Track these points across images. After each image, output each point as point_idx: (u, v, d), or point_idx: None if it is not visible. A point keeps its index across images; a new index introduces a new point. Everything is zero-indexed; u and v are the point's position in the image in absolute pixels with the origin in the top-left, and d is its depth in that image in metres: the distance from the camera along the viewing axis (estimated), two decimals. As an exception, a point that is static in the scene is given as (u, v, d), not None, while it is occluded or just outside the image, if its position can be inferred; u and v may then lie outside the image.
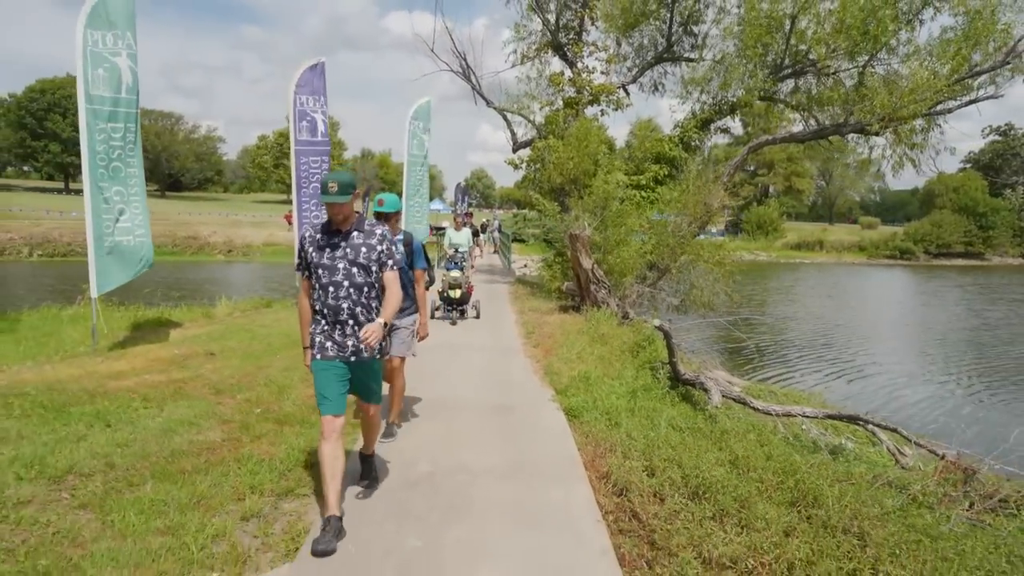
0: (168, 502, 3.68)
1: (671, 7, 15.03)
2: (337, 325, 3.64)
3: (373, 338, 3.41)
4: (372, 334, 3.41)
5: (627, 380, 7.41)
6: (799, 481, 4.58)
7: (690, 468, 4.67)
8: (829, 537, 3.81)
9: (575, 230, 11.46)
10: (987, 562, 3.74)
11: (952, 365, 16.36)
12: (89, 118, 7.63)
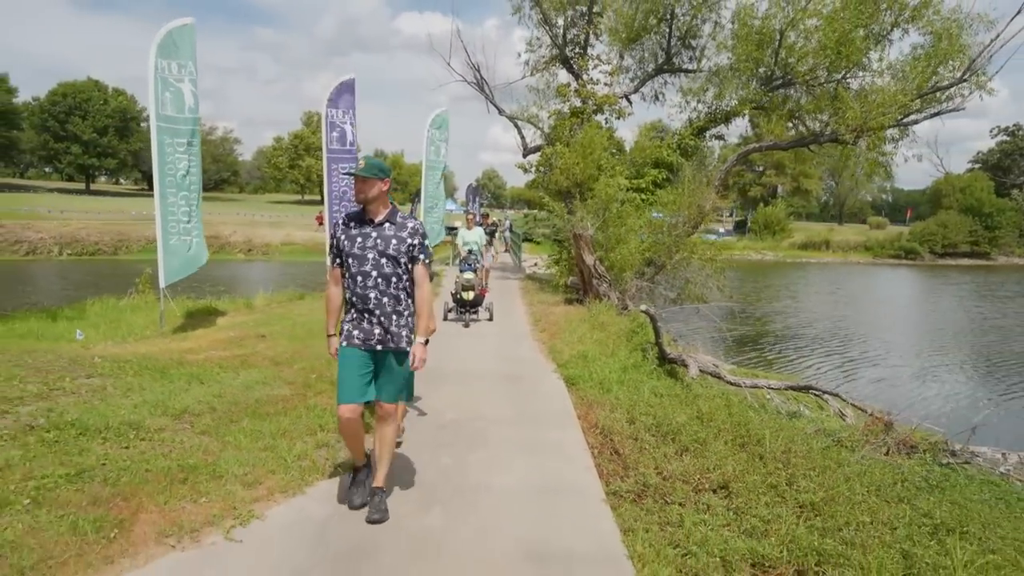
0: (262, 432, 4.93)
1: (670, 23, 16.20)
2: (364, 314, 3.71)
3: (419, 361, 3.69)
4: (418, 359, 3.69)
5: (620, 358, 8.61)
6: (748, 429, 5.79)
7: (662, 419, 5.88)
8: (761, 464, 5.01)
9: (579, 229, 12.69)
10: (879, 481, 4.92)
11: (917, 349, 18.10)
12: (159, 134, 8.92)
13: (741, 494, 4.44)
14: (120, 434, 4.52)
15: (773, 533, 3.91)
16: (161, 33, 8.95)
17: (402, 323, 3.76)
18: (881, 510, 4.41)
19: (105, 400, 5.20)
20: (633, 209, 14.13)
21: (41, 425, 4.51)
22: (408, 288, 3.79)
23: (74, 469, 3.93)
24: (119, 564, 3.21)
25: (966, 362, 17.00)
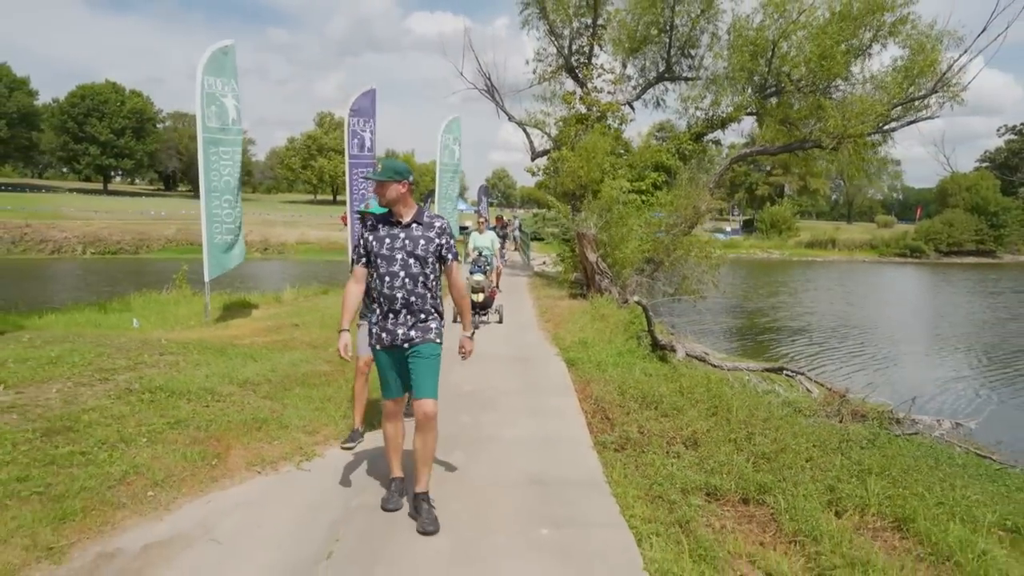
0: (312, 397, 5.99)
1: (670, 33, 17.17)
2: (391, 314, 3.74)
3: (468, 353, 3.99)
4: (467, 350, 3.98)
5: (617, 345, 9.62)
6: (721, 400, 6.79)
7: (648, 392, 6.88)
8: (727, 424, 6.01)
9: (582, 229, 13.70)
10: (825, 439, 5.92)
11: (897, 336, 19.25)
12: (205, 144, 10.00)
13: (706, 446, 5.45)
14: (200, 397, 5.58)
15: (727, 472, 4.91)
16: (207, 53, 10.04)
17: (429, 320, 3.80)
18: (820, 458, 5.41)
19: (181, 372, 6.27)
20: (634, 210, 15.10)
21: (136, 389, 5.57)
22: (434, 287, 3.83)
23: (172, 419, 4.99)
24: (222, 483, 4.28)
25: (936, 347, 18.34)
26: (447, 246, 3.82)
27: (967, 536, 4.38)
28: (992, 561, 4.07)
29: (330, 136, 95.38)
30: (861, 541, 4.16)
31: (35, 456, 4.09)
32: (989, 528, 4.69)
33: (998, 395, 12.97)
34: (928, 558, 4.12)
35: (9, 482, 3.74)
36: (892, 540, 4.37)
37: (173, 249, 45.80)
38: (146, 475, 4.10)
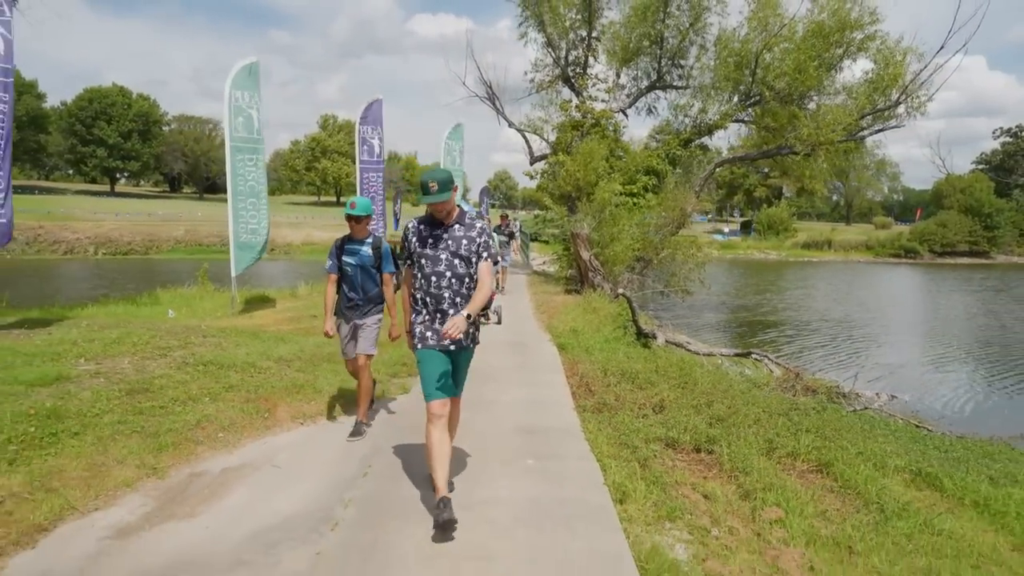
0: (338, 371, 7.03)
1: (660, 45, 18.23)
2: (438, 314, 3.79)
3: (455, 330, 3.52)
4: (455, 327, 3.52)
5: (604, 333, 10.66)
6: (690, 376, 7.83)
7: (627, 370, 7.93)
8: (691, 394, 7.05)
9: (576, 229, 14.75)
10: (774, 406, 6.96)
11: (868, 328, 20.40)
12: (232, 152, 11.05)
13: (671, 411, 6.48)
14: (244, 369, 6.63)
15: (684, 429, 5.94)
16: (235, 69, 11.10)
17: (471, 322, 3.80)
18: (766, 420, 6.45)
19: (226, 350, 7.32)
20: (626, 212, 16.15)
21: (191, 362, 6.63)
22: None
23: (225, 385, 6.04)
24: (273, 430, 5.33)
25: (897, 335, 19.75)
26: (485, 245, 3.88)
27: (873, 475, 5.44)
28: (888, 491, 5.13)
29: (334, 139, 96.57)
30: (784, 476, 5.21)
31: (127, 408, 5.15)
32: (895, 470, 5.74)
33: (947, 376, 14.18)
34: (837, 490, 5.16)
35: (114, 424, 4.79)
36: (813, 479, 5.41)
37: (182, 250, 46.92)
38: (215, 423, 5.16)
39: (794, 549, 3.96)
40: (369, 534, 3.60)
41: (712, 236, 68.03)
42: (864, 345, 17.78)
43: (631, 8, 18.23)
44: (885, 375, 13.45)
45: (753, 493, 4.71)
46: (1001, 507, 5.07)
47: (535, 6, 18.18)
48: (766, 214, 67.82)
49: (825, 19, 14.33)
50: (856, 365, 14.07)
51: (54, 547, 3.38)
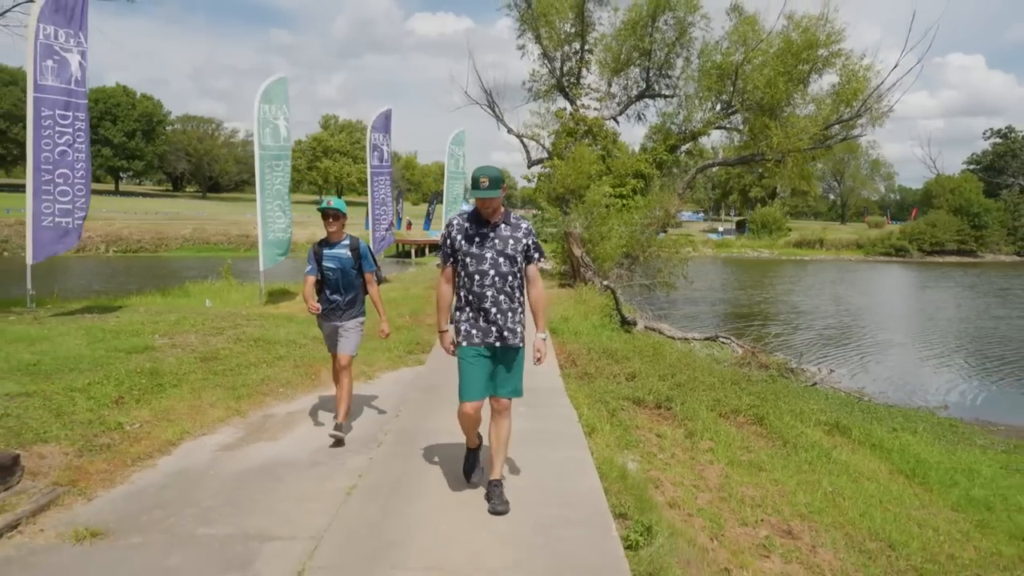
0: (364, 347, 8.40)
1: (648, 57, 19.62)
2: (481, 312, 3.76)
3: (543, 355, 3.81)
4: (542, 352, 3.79)
5: (592, 321, 12.04)
6: (662, 354, 9.23)
7: (608, 348, 9.32)
8: (659, 367, 8.44)
9: (570, 228, 16.13)
10: (729, 376, 8.35)
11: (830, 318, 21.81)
12: (261, 160, 12.41)
13: (640, 379, 7.87)
14: (288, 344, 8.01)
15: (649, 391, 7.33)
16: (264, 85, 12.47)
17: (516, 320, 3.83)
18: (718, 386, 7.85)
19: (268, 331, 8.70)
20: (615, 212, 17.54)
21: (244, 339, 8.01)
22: (520, 286, 3.88)
23: (276, 355, 7.42)
24: (319, 388, 6.71)
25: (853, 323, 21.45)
26: (534, 246, 3.88)
27: (797, 425, 6.84)
28: (805, 436, 6.53)
29: (335, 138, 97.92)
30: (724, 424, 6.60)
31: (205, 370, 6.53)
32: (816, 423, 7.14)
33: (897, 357, 15.73)
34: (766, 435, 6.56)
35: (199, 380, 6.18)
36: (748, 427, 6.81)
37: (190, 248, 48.23)
38: (275, 381, 6.55)
39: (717, 466, 5.35)
40: (405, 449, 4.98)
41: (707, 235, 69.45)
42: (825, 331, 19.32)
43: (622, 23, 19.64)
44: (835, 356, 14.94)
45: (695, 434, 6.11)
46: (889, 447, 6.48)
47: (533, 21, 19.57)
48: (760, 213, 69.23)
49: (795, 38, 15.75)
50: (809, 347, 15.54)
51: (183, 455, 4.77)
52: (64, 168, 8.84)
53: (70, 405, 4.99)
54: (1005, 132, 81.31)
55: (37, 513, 3.69)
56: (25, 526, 3.57)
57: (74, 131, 8.89)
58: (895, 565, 3.94)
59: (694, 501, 4.48)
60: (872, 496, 5.05)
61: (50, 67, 8.64)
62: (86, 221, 9.62)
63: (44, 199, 8.76)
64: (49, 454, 4.28)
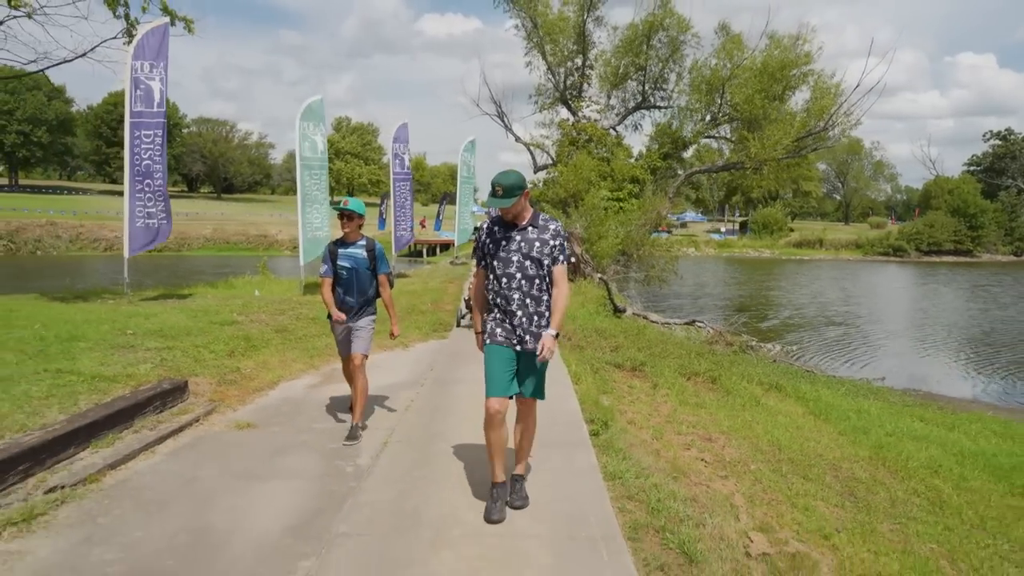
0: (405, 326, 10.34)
1: (644, 72, 21.49)
2: (508, 314, 3.81)
3: (547, 351, 3.70)
4: (547, 348, 3.70)
5: (588, 309, 13.90)
6: (644, 334, 11.11)
7: (599, 329, 11.20)
8: (639, 342, 10.31)
9: (571, 229, 18.01)
10: (696, 350, 10.21)
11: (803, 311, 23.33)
12: (302, 171, 14.35)
13: (622, 350, 9.75)
14: (337, 322, 9.92)
15: (628, 359, 9.21)
16: (304, 105, 14.42)
17: (542, 324, 3.82)
18: (685, 356, 9.71)
19: (320, 313, 10.59)
20: (612, 214, 19.41)
21: (302, 318, 9.91)
22: (549, 289, 3.85)
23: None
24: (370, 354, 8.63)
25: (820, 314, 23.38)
26: (559, 247, 3.85)
27: (742, 383, 8.70)
28: (746, 389, 8.39)
29: (347, 140, 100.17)
30: (683, 381, 8.48)
31: (281, 338, 8.46)
32: (759, 383, 9.00)
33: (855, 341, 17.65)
34: (715, 390, 8.43)
35: (279, 344, 8.11)
36: (703, 384, 8.68)
37: (212, 247, 50.37)
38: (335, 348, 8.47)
39: (669, 404, 7.22)
40: (439, 388, 6.88)
41: (710, 235, 71.15)
42: (790, 320, 21.24)
43: (620, 40, 21.52)
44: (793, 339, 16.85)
45: (658, 386, 7.99)
46: (809, 397, 8.34)
47: (539, 39, 21.48)
48: (761, 214, 70.89)
49: (771, 59, 17.61)
50: (776, 331, 17.40)
51: (284, 389, 6.69)
52: (149, 178, 10.81)
53: (200, 356, 6.93)
54: (1004, 134, 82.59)
55: (206, 416, 5.63)
56: (202, 421, 5.51)
57: (155, 147, 10.86)
58: (777, 456, 5.79)
59: (646, 421, 6.35)
60: (779, 424, 6.90)
61: (140, 96, 10.62)
62: (111, 222, 11.64)
63: (137, 203, 10.74)
64: (200, 384, 6.22)
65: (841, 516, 4.53)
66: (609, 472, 4.56)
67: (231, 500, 4.09)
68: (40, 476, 4.06)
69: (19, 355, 6.16)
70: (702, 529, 3.79)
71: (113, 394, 5.33)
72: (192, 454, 4.84)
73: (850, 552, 3.87)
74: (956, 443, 7.12)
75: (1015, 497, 5.49)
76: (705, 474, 4.94)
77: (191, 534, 3.62)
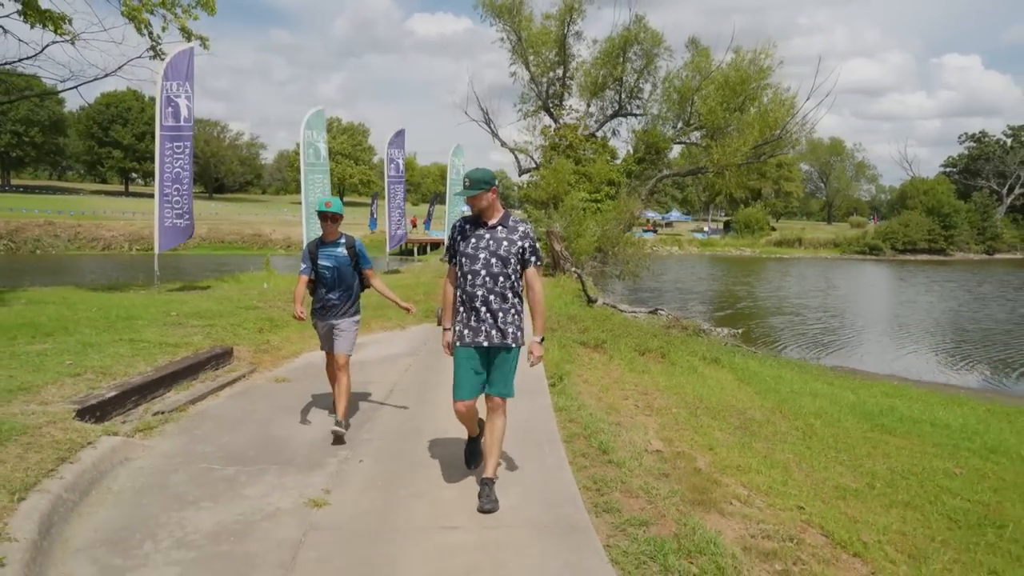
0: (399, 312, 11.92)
1: (621, 82, 23.15)
2: (473, 311, 3.92)
3: (535, 358, 3.99)
4: (535, 355, 3.98)
5: (565, 300, 15.51)
6: (609, 319, 12.74)
7: (572, 316, 12.82)
8: (604, 325, 11.94)
9: (551, 228, 19.63)
10: (653, 331, 11.84)
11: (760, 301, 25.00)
12: (306, 172, 15.87)
13: (589, 332, 11.36)
14: (343, 309, 11.49)
15: (592, 338, 10.82)
16: (307, 115, 15.94)
17: (508, 320, 3.94)
18: (642, 336, 11.33)
19: (326, 300, 12.17)
20: (590, 214, 21.05)
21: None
22: (515, 288, 3.97)
23: (338, 314, 10.91)
24: (371, 333, 10.22)
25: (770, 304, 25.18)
26: (530, 249, 3.95)
27: (688, 358, 10.34)
28: (690, 362, 10.03)
29: (337, 140, 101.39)
30: (636, 356, 10.10)
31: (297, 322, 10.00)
32: (701, 358, 10.65)
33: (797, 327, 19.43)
34: (663, 363, 10.06)
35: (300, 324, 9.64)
36: (654, 359, 10.31)
37: (207, 247, 51.55)
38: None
39: (619, 370, 8.84)
40: (432, 357, 8.45)
41: (693, 234, 73.05)
42: (743, 308, 23.00)
43: (599, 52, 23.18)
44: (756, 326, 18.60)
45: (614, 358, 9.62)
46: (740, 367, 9.99)
47: (523, 52, 23.11)
48: (743, 214, 72.86)
49: (732, 73, 19.34)
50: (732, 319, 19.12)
51: (307, 358, 8.24)
52: (178, 184, 12.33)
53: (236, 331, 8.49)
54: (979, 136, 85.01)
55: (249, 373, 7.20)
56: (247, 377, 7.08)
57: (184, 156, 12.38)
58: (696, 405, 7.40)
59: (598, 381, 7.96)
60: (707, 385, 8.52)
61: (169, 112, 12.13)
62: (108, 222, 13.16)
63: (165, 206, 12.25)
64: (241, 351, 7.79)
65: (729, 438, 6.17)
66: (559, 407, 6.18)
67: (283, 421, 5.67)
68: (145, 406, 5.63)
69: (95, 329, 7.70)
70: (618, 439, 5.40)
71: (180, 355, 6.89)
72: (246, 396, 6.42)
73: (723, 455, 5.49)
74: (846, 399, 8.78)
75: (872, 432, 7.11)
76: (632, 412, 6.56)
77: (261, 439, 5.20)
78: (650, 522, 3.84)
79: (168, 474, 4.39)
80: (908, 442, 6.72)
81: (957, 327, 21.08)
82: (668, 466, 4.91)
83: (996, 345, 17.57)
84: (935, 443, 6.71)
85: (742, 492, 4.59)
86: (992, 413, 8.68)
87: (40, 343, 6.85)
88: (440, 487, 4.35)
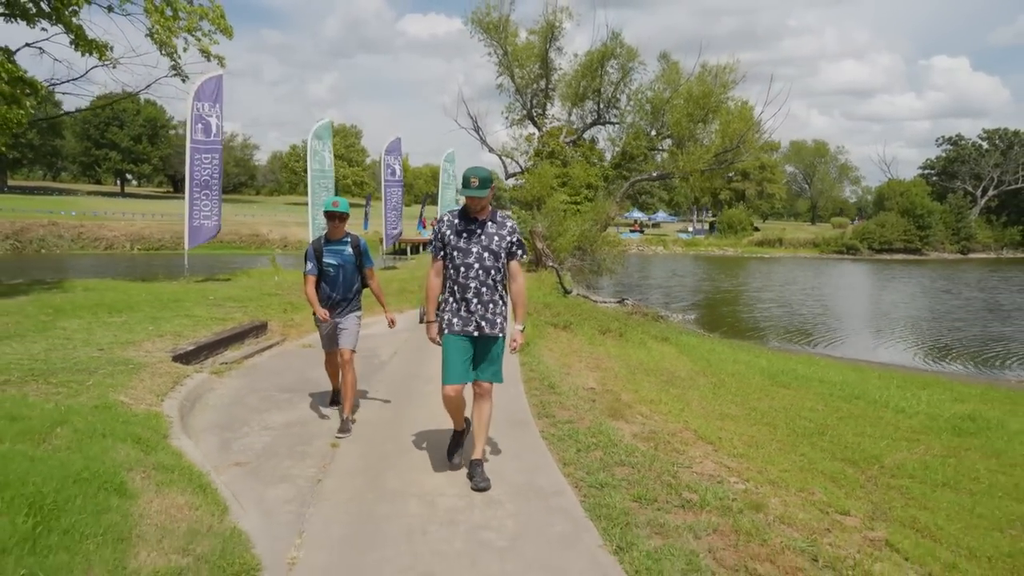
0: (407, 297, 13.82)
1: (599, 93, 25.13)
2: (464, 302, 4.12)
3: (517, 345, 4.27)
4: (517, 342, 4.27)
5: (544, 292, 17.43)
6: (581, 308, 14.68)
7: (549, 304, 14.75)
8: (576, 312, 13.88)
9: (534, 227, 21.56)
10: (615, 316, 13.78)
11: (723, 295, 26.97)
12: (313, 179, 17.73)
13: (560, 316, 13.29)
14: (349, 297, 13.39)
15: (562, 321, 12.75)
16: (314, 126, 17.81)
17: (496, 311, 4.20)
18: (605, 319, 13.27)
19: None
20: (571, 215, 22.99)
21: (322, 293, 13.34)
22: (503, 280, 4.24)
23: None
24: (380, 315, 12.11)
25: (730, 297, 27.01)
26: (517, 243, 4.22)
27: (641, 336, 12.30)
28: (642, 339, 11.99)
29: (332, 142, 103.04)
30: (598, 335, 12.04)
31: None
32: (653, 337, 12.60)
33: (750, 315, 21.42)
34: (619, 340, 12.00)
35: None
36: (612, 337, 12.25)
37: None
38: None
39: (579, 343, 10.76)
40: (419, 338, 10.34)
41: (678, 235, 75.20)
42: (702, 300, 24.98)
43: (579, 66, 25.13)
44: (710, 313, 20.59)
45: (577, 335, 11.55)
46: (683, 344, 11.95)
47: (508, 65, 25.05)
48: (727, 215, 75.11)
49: (696, 88, 21.36)
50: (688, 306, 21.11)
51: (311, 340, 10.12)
52: (207, 189, 14.18)
53: (266, 312, 10.36)
54: (955, 140, 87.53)
55: (282, 341, 9.09)
56: (281, 344, 8.97)
57: (212, 166, 14.23)
58: (637, 367, 9.32)
59: (560, 350, 9.87)
60: (652, 356, 10.45)
61: (200, 128, 13.99)
62: (110, 222, 15.01)
63: (195, 207, 14.10)
64: (273, 325, 9.67)
65: (653, 386, 8.11)
66: (523, 363, 8.10)
67: (315, 372, 7.56)
68: (213, 358, 7.52)
69: (154, 308, 9.57)
70: (564, 382, 7.33)
71: (229, 326, 8.77)
72: (282, 356, 8.31)
73: (643, 394, 7.42)
74: (760, 365, 10.75)
75: (771, 386, 9.04)
76: (581, 369, 8.50)
77: (302, 381, 7.10)
78: (573, 421, 5.78)
79: (244, 396, 6.30)
80: (795, 392, 8.68)
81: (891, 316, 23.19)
82: (597, 396, 6.84)
83: (922, 332, 19.65)
84: (816, 393, 8.67)
85: (646, 411, 6.53)
86: (880, 377, 10.63)
87: (118, 316, 8.72)
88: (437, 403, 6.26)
